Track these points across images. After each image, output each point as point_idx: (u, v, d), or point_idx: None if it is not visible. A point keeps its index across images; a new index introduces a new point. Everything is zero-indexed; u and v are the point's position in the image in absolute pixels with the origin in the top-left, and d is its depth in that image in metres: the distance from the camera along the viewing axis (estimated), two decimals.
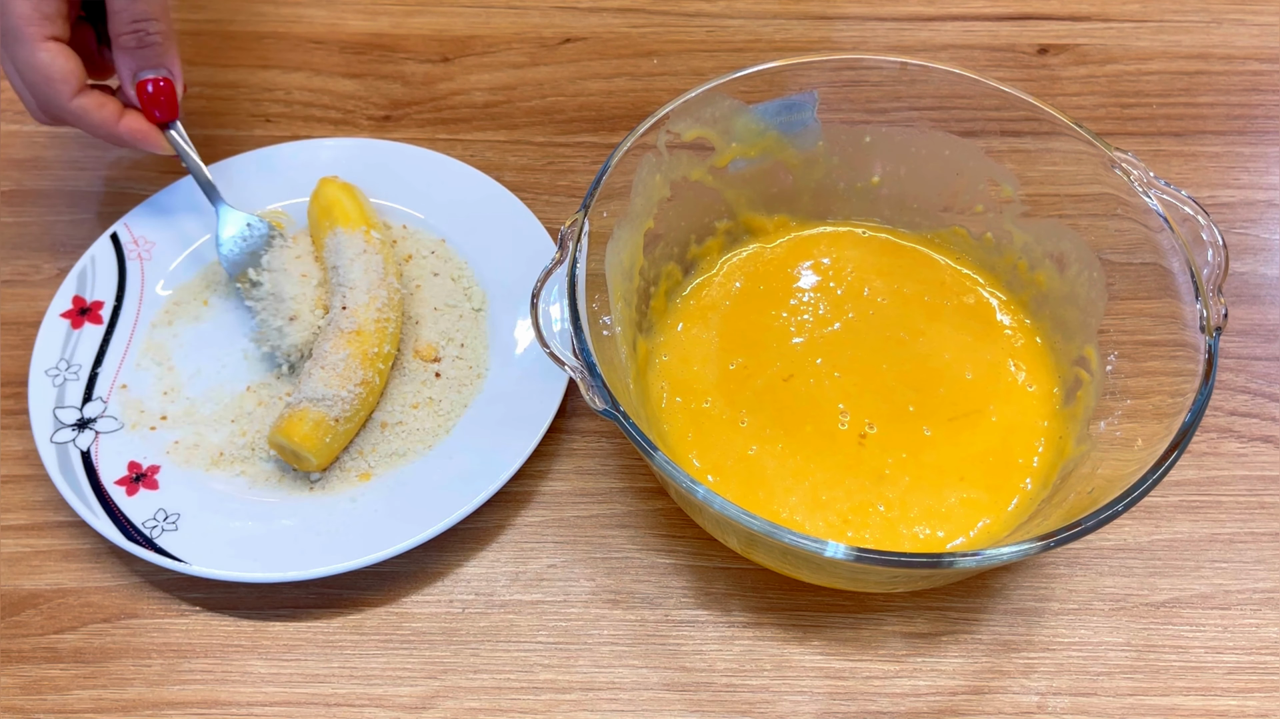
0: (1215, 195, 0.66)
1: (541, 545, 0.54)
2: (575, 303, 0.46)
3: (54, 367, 0.57)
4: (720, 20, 0.74)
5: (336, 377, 0.53)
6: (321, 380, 0.53)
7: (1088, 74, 0.71)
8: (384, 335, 0.56)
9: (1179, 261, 0.48)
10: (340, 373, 0.54)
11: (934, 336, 0.55)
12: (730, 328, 0.56)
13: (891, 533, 0.49)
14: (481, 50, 0.73)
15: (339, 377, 0.53)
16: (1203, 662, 0.50)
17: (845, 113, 0.57)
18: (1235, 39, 0.73)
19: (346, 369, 0.54)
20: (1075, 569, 0.53)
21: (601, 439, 0.57)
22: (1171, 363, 0.48)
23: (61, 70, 0.56)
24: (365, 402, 0.55)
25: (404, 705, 0.49)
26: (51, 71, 0.56)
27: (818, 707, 0.49)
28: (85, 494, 0.52)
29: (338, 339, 0.55)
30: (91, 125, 0.58)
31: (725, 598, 0.52)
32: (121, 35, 0.57)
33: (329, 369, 0.54)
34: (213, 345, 0.59)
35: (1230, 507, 0.55)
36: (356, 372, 0.54)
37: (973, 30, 0.74)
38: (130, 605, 0.52)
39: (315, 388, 0.53)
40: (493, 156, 0.67)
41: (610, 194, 0.51)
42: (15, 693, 0.50)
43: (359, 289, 0.56)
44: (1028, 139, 0.54)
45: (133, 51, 0.57)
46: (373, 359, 0.55)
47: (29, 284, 0.62)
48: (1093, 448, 0.49)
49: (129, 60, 0.58)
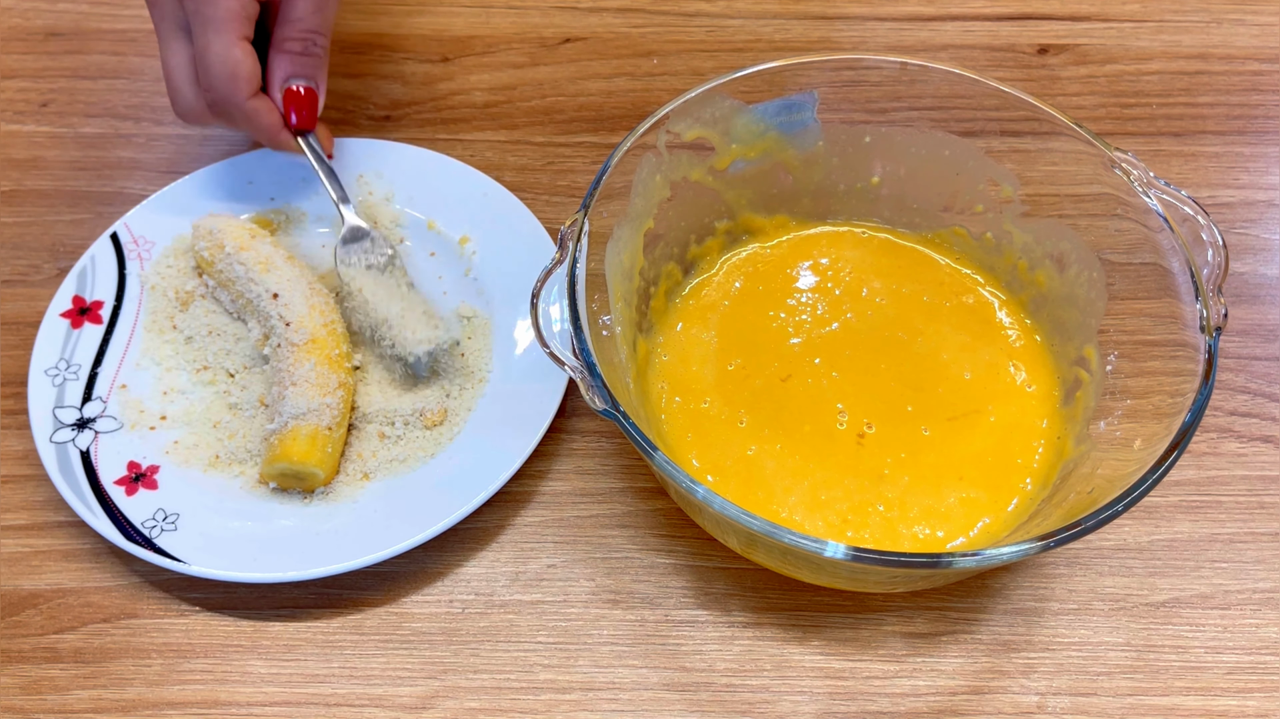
0: (1215, 195, 0.66)
1: (541, 545, 0.54)
2: (575, 303, 0.46)
3: (54, 366, 0.57)
4: (720, 20, 0.74)
5: (313, 387, 0.53)
6: (301, 395, 0.53)
7: (1088, 74, 0.71)
8: (336, 336, 0.56)
9: (1179, 261, 0.48)
10: (315, 382, 0.53)
11: (933, 336, 0.55)
12: (729, 328, 0.56)
13: (891, 533, 0.49)
14: (481, 50, 0.73)
15: (315, 386, 0.53)
16: (1203, 662, 0.50)
17: (845, 113, 0.57)
18: (1235, 39, 0.73)
19: (319, 378, 0.53)
20: (1075, 569, 0.53)
21: (601, 439, 0.57)
22: (1171, 363, 0.48)
23: (249, 70, 0.57)
24: (347, 402, 0.55)
25: (404, 705, 0.49)
26: (242, 69, 0.56)
27: (817, 707, 0.49)
28: (85, 494, 0.52)
29: (297, 354, 0.54)
30: (261, 126, 0.58)
31: (725, 598, 0.52)
32: (289, 40, 0.58)
33: (302, 383, 0.53)
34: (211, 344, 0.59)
35: (1230, 507, 0.55)
36: (330, 377, 0.54)
37: (972, 30, 0.74)
38: (130, 605, 0.52)
39: (297, 404, 0.53)
40: (493, 156, 0.67)
41: (610, 194, 0.51)
42: (15, 693, 0.50)
43: (293, 302, 0.56)
44: (1028, 139, 0.54)
45: (295, 57, 0.59)
46: (338, 360, 0.55)
47: (29, 284, 0.62)
48: (1092, 448, 0.49)
49: (287, 65, 0.59)
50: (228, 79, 0.56)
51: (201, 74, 0.57)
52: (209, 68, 0.56)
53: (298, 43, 0.59)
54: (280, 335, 0.55)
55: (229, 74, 0.56)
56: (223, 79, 0.56)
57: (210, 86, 0.57)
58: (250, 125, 0.58)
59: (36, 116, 0.70)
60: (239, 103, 0.57)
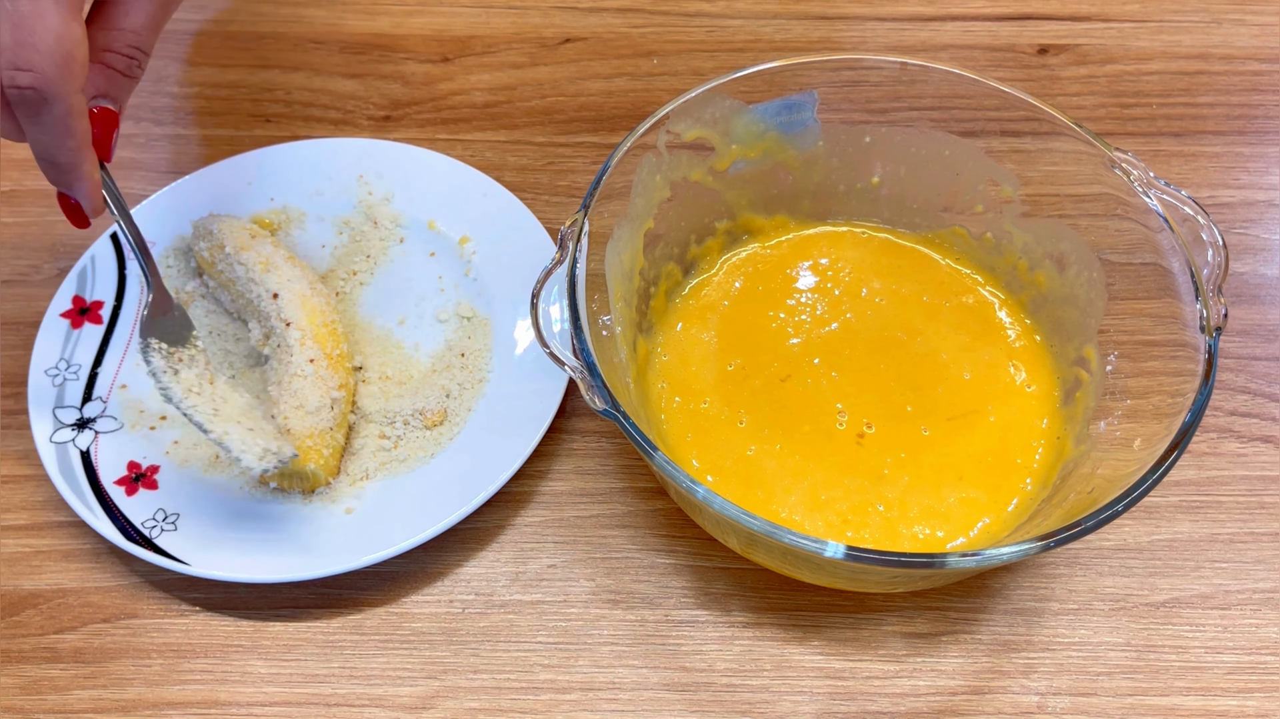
0: (1215, 195, 0.66)
1: (541, 545, 0.54)
2: (575, 303, 0.46)
3: (54, 366, 0.57)
4: (720, 20, 0.74)
5: (314, 388, 0.53)
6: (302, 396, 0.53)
7: (1088, 74, 0.71)
8: (336, 336, 0.56)
9: (1179, 261, 0.48)
10: (314, 381, 0.53)
11: (933, 336, 0.55)
12: (729, 328, 0.56)
13: (891, 533, 0.49)
14: (481, 50, 0.73)
15: (316, 387, 0.53)
16: (1203, 662, 0.50)
17: (845, 113, 0.57)
18: (1235, 39, 0.73)
19: (318, 378, 0.53)
20: (1075, 569, 0.53)
21: (601, 439, 0.57)
22: (1171, 363, 0.48)
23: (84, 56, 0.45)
24: (347, 403, 0.55)
25: (404, 705, 0.49)
26: (80, 51, 0.45)
27: (817, 707, 0.49)
28: (85, 494, 0.52)
29: (297, 354, 0.54)
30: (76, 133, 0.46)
31: (725, 598, 0.52)
32: (112, 54, 0.49)
33: (306, 380, 0.53)
34: (212, 345, 0.59)
35: (1230, 507, 0.55)
36: (331, 377, 0.54)
37: (972, 30, 0.74)
38: (130, 605, 0.52)
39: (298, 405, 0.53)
40: (493, 157, 0.67)
41: (610, 194, 0.51)
42: (15, 693, 0.50)
43: (294, 302, 0.56)
44: (1028, 139, 0.54)
45: (113, 74, 0.49)
46: (339, 360, 0.55)
47: (29, 284, 0.62)
48: (1092, 448, 0.49)
49: (101, 80, 0.49)
50: (62, 59, 0.44)
51: (16, 50, 0.44)
52: (33, 42, 0.44)
53: (121, 58, 0.49)
54: (280, 335, 0.55)
55: (65, 53, 0.44)
56: (55, 58, 0.44)
57: (29, 65, 0.44)
58: (61, 129, 0.46)
59: None
60: (67, 94, 0.45)
